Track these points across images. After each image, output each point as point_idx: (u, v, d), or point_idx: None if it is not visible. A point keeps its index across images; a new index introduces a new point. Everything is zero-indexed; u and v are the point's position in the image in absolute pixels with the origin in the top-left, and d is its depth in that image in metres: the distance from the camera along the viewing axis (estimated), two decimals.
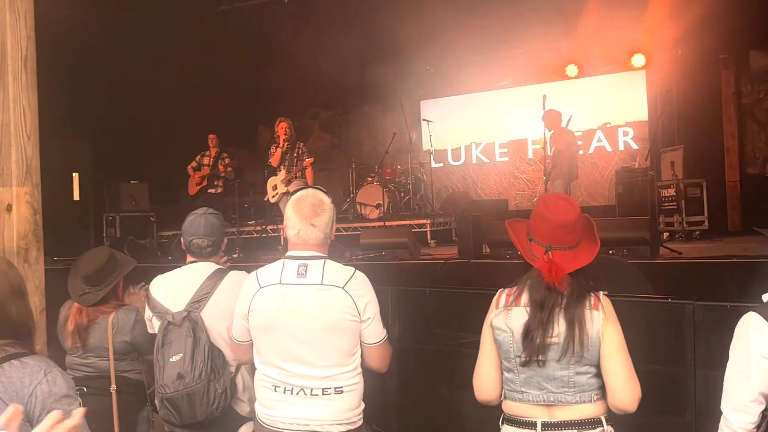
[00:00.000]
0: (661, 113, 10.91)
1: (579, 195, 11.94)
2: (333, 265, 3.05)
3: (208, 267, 3.69)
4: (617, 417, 2.67)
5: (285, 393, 2.98)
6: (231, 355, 3.51)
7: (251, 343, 3.12)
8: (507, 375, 2.76)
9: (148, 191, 11.74)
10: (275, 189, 10.04)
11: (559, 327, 2.62)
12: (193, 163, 11.63)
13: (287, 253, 3.10)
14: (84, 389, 3.91)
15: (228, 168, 11.48)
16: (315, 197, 3.10)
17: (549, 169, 10.08)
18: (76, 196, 10.43)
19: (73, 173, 10.42)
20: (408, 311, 4.86)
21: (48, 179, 3.93)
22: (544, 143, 10.26)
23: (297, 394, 2.97)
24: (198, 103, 12.35)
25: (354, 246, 8.39)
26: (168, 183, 12.59)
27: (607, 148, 12.61)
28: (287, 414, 2.97)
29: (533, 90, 12.32)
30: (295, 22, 12.04)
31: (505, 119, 13.46)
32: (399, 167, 12.52)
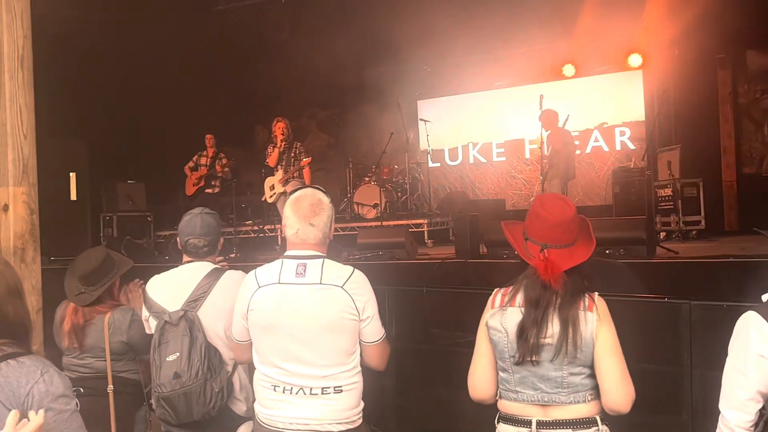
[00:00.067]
0: (658, 113, 10.91)
1: (576, 195, 11.95)
2: (332, 265, 3.05)
3: (204, 267, 3.69)
4: (612, 417, 2.67)
5: (284, 392, 2.98)
6: (228, 355, 3.52)
7: (251, 343, 3.12)
8: (502, 375, 2.77)
9: (145, 191, 11.73)
10: (272, 189, 10.04)
11: (553, 327, 2.63)
12: (190, 163, 11.63)
13: (286, 253, 3.10)
14: (81, 390, 3.91)
15: (225, 168, 11.47)
16: (314, 197, 3.10)
17: (546, 169, 10.08)
18: (73, 195, 10.41)
19: (70, 173, 10.40)
20: (405, 311, 4.86)
21: (45, 179, 3.92)
22: (541, 143, 10.26)
23: (296, 393, 2.97)
24: (195, 103, 12.35)
25: (351, 246, 8.38)
26: (165, 183, 12.58)
27: (604, 147, 12.62)
28: (287, 413, 2.97)
29: (530, 90, 12.31)
30: (292, 21, 12.03)
31: (502, 119, 13.46)
32: (396, 167, 12.50)
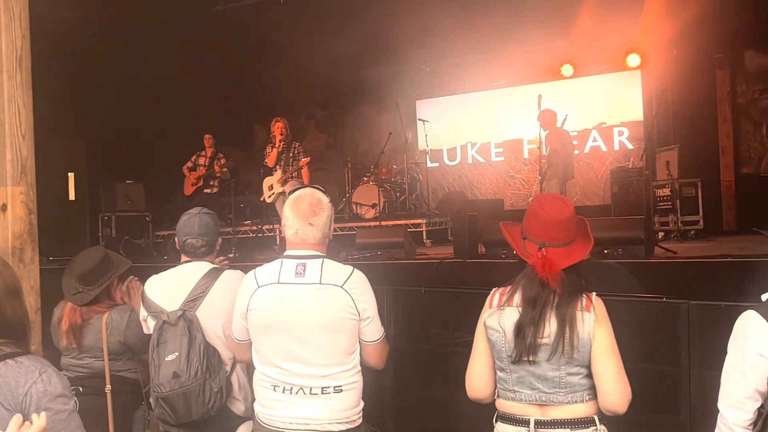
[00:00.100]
0: (657, 113, 10.92)
1: (574, 195, 11.95)
2: (331, 264, 3.05)
3: (202, 266, 3.68)
4: (610, 416, 2.68)
5: (284, 392, 2.98)
6: (226, 354, 3.52)
7: (250, 342, 3.11)
8: (500, 374, 2.77)
9: (143, 191, 11.71)
10: (271, 189, 10.05)
11: (550, 327, 2.63)
12: (189, 163, 11.63)
13: (285, 253, 3.10)
14: (80, 388, 3.92)
15: (224, 168, 11.48)
16: (313, 196, 3.10)
17: (544, 169, 10.08)
18: (71, 195, 10.39)
19: (69, 173, 10.37)
20: (404, 311, 4.86)
21: (43, 179, 3.92)
22: (539, 143, 10.27)
23: (296, 393, 2.97)
24: (194, 103, 12.35)
25: (350, 246, 8.38)
26: (164, 183, 12.58)
27: (603, 147, 12.62)
28: (287, 413, 2.97)
29: (529, 90, 12.32)
30: (291, 21, 12.02)
31: (501, 119, 13.46)
32: (395, 167, 12.50)
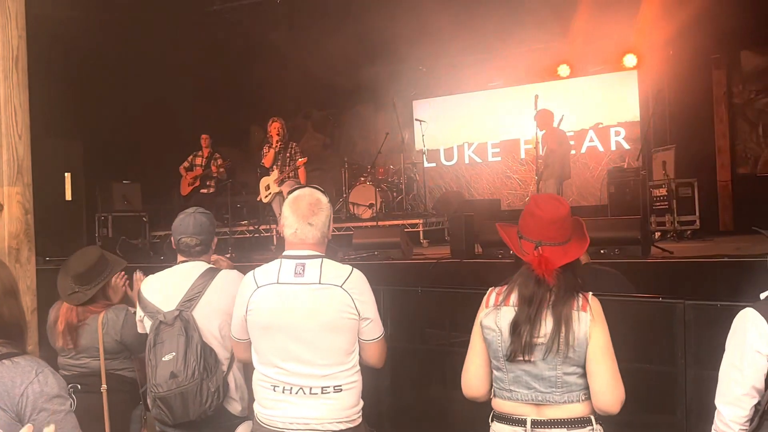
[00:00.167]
0: (653, 113, 10.94)
1: (571, 195, 11.96)
2: (330, 264, 3.05)
3: (199, 266, 3.68)
4: (604, 416, 2.68)
5: (284, 392, 2.98)
6: (223, 354, 3.52)
7: (250, 341, 3.11)
8: (496, 374, 2.78)
9: (140, 191, 11.70)
10: (268, 189, 10.04)
11: (546, 326, 2.63)
12: (185, 164, 11.63)
13: (284, 253, 3.09)
14: (78, 386, 3.92)
15: (221, 168, 11.47)
16: (312, 196, 3.10)
17: (541, 169, 10.08)
18: (68, 196, 10.35)
19: (65, 173, 10.35)
20: (400, 311, 4.86)
21: (40, 179, 3.93)
22: (536, 143, 10.27)
23: (296, 393, 2.96)
24: (190, 103, 12.34)
25: (347, 246, 8.37)
26: (160, 183, 12.56)
27: (599, 148, 12.63)
28: (286, 413, 2.97)
29: (525, 90, 12.35)
30: (288, 22, 12.02)
31: (498, 119, 13.47)
32: (392, 167, 12.50)
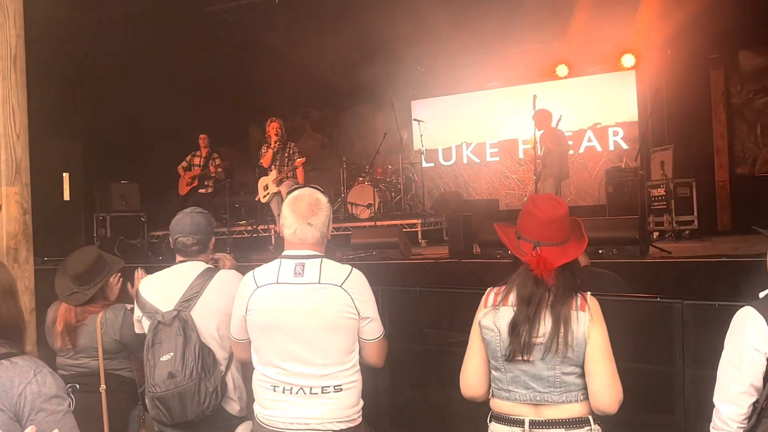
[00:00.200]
0: (651, 113, 10.92)
1: (569, 195, 11.97)
2: (330, 264, 3.05)
3: (197, 266, 3.67)
4: (602, 416, 2.68)
5: (284, 393, 2.98)
6: (221, 354, 3.52)
7: (250, 341, 3.11)
8: (494, 374, 2.78)
9: (139, 191, 11.70)
10: (266, 189, 10.05)
11: (545, 326, 2.63)
12: (184, 163, 11.63)
13: (284, 253, 3.09)
14: (77, 386, 3.92)
15: (219, 168, 11.47)
16: (312, 196, 3.10)
17: (539, 169, 10.09)
18: (66, 196, 10.36)
19: (64, 173, 10.35)
20: (399, 311, 4.86)
21: (38, 179, 3.92)
22: (534, 143, 10.27)
23: (296, 393, 2.96)
24: (189, 103, 12.34)
25: (345, 246, 8.37)
26: (159, 183, 12.56)
27: (597, 148, 12.64)
28: (287, 414, 2.97)
29: (524, 90, 12.35)
30: (286, 21, 12.01)
31: (496, 119, 13.48)
32: (390, 167, 12.49)
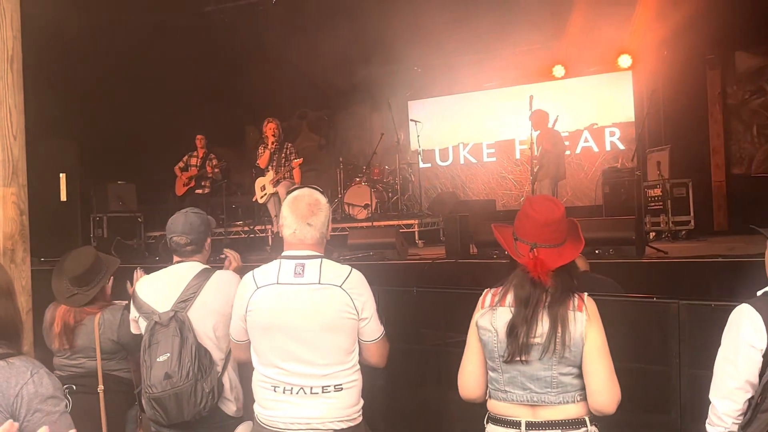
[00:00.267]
0: (648, 113, 10.92)
1: (565, 195, 11.98)
2: (330, 264, 3.06)
3: (194, 267, 3.67)
4: (600, 416, 2.68)
5: (285, 393, 2.98)
6: (218, 355, 3.52)
7: (249, 342, 3.11)
8: (491, 374, 2.78)
9: (135, 192, 11.70)
10: (263, 190, 10.04)
11: (543, 326, 2.64)
12: (180, 164, 11.62)
13: (283, 253, 3.10)
14: (73, 387, 3.91)
15: (216, 169, 11.46)
16: (311, 197, 3.10)
17: (536, 170, 10.09)
18: (63, 196, 10.36)
19: (60, 174, 10.35)
20: (395, 311, 4.85)
21: (35, 180, 3.92)
22: (531, 143, 10.27)
23: (297, 393, 2.97)
24: (185, 104, 12.34)
25: (342, 246, 8.38)
26: (156, 183, 12.55)
27: (594, 148, 12.64)
28: (287, 414, 2.97)
29: (520, 90, 12.32)
30: (283, 22, 12.01)
31: (493, 120, 13.47)
32: (387, 167, 12.49)
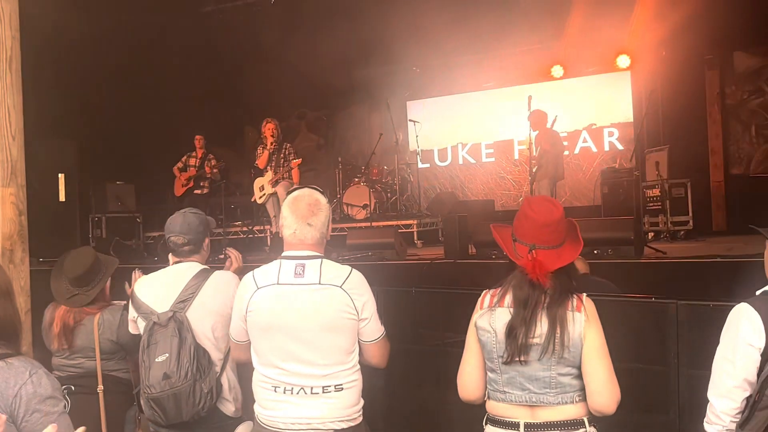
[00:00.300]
0: (646, 114, 10.93)
1: (564, 195, 11.99)
2: (330, 265, 3.06)
3: (193, 267, 3.67)
4: (599, 416, 2.69)
5: (285, 393, 2.98)
6: (216, 355, 3.52)
7: (249, 342, 3.11)
8: (490, 375, 2.78)
9: (134, 192, 11.70)
10: (262, 190, 10.04)
11: (542, 327, 2.64)
12: (179, 164, 11.61)
13: (283, 253, 3.10)
14: (72, 387, 3.91)
15: (214, 169, 11.45)
16: (311, 197, 3.10)
17: (534, 170, 10.10)
18: (62, 197, 10.36)
19: (59, 174, 10.35)
20: (394, 311, 4.84)
21: (33, 180, 3.93)
22: (529, 144, 10.28)
23: (297, 393, 2.97)
24: (184, 104, 12.34)
25: (341, 246, 8.37)
26: (154, 184, 12.54)
27: (593, 148, 12.65)
28: (288, 414, 2.97)
29: (519, 91, 12.30)
30: (281, 22, 12.01)
31: (491, 120, 13.48)
32: (386, 168, 12.49)
